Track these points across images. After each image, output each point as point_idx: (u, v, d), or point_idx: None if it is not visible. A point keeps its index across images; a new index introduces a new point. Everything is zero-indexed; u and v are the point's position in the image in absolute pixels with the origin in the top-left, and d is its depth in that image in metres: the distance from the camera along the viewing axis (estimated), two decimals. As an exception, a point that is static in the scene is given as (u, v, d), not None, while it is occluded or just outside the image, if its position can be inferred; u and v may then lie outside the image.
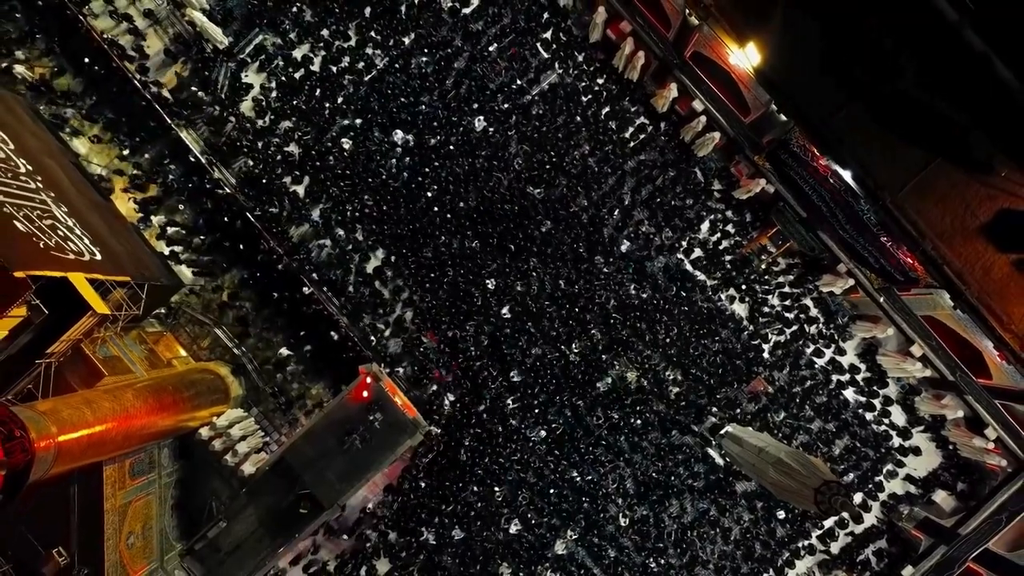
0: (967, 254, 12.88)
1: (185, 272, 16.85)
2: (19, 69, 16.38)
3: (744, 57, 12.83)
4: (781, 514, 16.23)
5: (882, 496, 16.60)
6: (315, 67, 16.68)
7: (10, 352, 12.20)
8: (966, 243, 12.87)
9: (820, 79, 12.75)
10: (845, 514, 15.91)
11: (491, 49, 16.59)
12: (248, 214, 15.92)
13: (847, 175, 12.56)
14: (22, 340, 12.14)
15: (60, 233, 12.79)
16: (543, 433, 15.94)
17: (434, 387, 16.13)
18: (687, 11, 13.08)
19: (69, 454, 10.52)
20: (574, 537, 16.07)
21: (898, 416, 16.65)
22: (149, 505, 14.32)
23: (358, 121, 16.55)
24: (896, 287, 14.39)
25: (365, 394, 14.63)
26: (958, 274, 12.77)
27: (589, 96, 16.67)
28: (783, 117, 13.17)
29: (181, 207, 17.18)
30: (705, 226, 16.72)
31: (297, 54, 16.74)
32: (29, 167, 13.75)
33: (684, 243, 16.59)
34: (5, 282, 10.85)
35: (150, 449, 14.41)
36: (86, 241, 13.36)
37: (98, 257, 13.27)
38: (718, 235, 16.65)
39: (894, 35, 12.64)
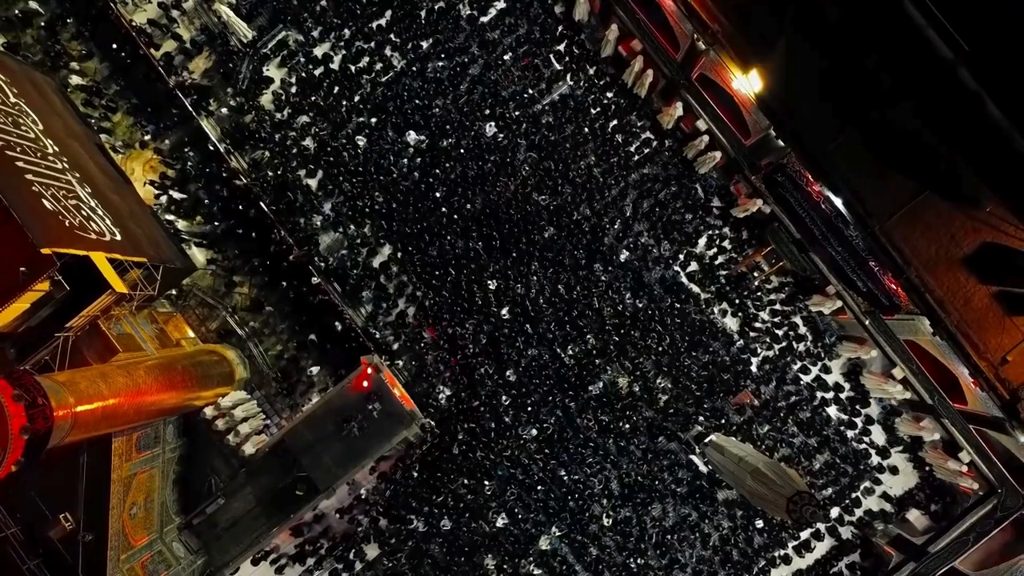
0: (949, 283, 13.45)
1: (198, 256, 17.43)
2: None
3: (747, 83, 13.39)
4: (759, 523, 16.81)
5: (858, 512, 17.15)
6: (335, 65, 17.26)
7: (31, 324, 12.77)
8: (949, 273, 13.44)
9: (818, 108, 13.34)
10: (821, 526, 16.75)
11: (506, 58, 17.15)
12: (262, 204, 16.48)
13: (838, 201, 13.14)
14: (43, 313, 12.69)
15: (84, 213, 13.37)
16: (534, 432, 16.50)
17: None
18: (695, 36, 13.64)
19: (84, 424, 11.08)
20: (558, 534, 16.65)
21: (878, 435, 17.23)
22: (152, 478, 14.88)
23: (373, 120, 17.13)
24: (881, 311, 14.93)
25: (365, 384, 15.14)
26: (939, 302, 13.35)
27: (598, 109, 17.23)
28: (781, 142, 13.73)
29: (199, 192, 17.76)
30: (702, 241, 17.27)
31: (318, 52, 17.33)
32: (56, 148, 14.32)
33: (681, 256, 17.16)
34: (32, 257, 11.40)
35: (156, 425, 14.97)
36: (107, 222, 13.94)
37: (118, 238, 13.85)
38: (714, 250, 17.20)
39: (892, 70, 13.21)
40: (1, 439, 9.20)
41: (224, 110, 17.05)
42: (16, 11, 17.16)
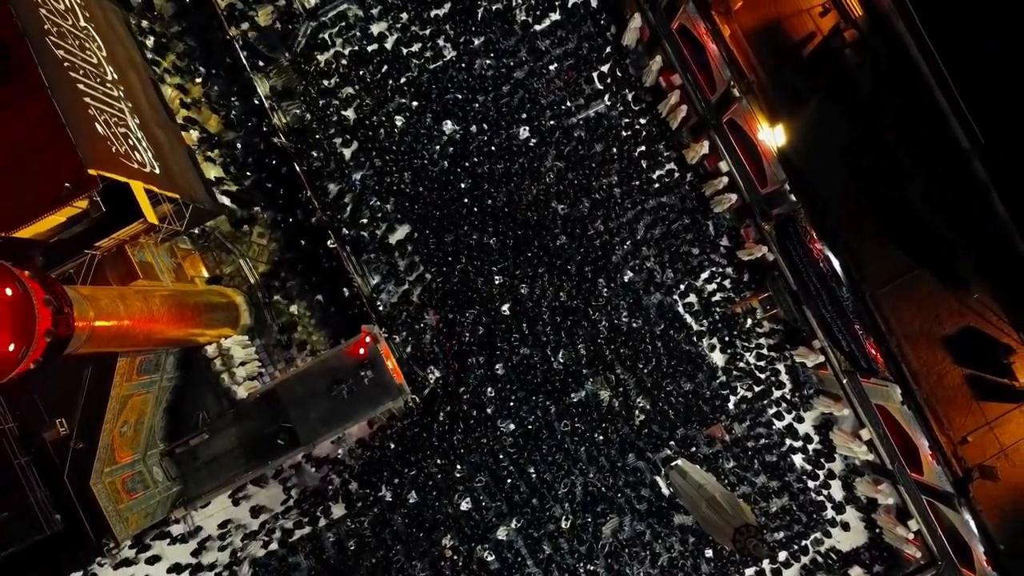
0: (927, 359, 14.14)
1: (227, 201, 18.10)
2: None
3: (772, 136, 14.07)
4: (709, 553, 17.45)
5: (804, 559, 17.80)
6: (388, 45, 17.94)
7: (62, 237, 13.46)
8: (928, 349, 14.14)
9: (834, 172, 14.03)
10: (767, 567, 17.39)
11: (551, 68, 17.83)
12: (296, 164, 17.15)
13: (836, 263, 13.82)
14: (76, 229, 13.36)
15: (130, 142, 14.06)
16: (512, 427, 17.18)
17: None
18: (732, 82, 14.31)
19: (98, 339, 11.75)
20: (517, 527, 17.31)
21: (837, 491, 17.88)
22: (147, 402, 15.56)
23: (414, 103, 17.83)
24: (859, 373, 15.60)
25: (362, 351, 15.77)
26: (914, 374, 14.04)
27: (629, 132, 17.92)
28: (793, 197, 14.40)
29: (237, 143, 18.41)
30: (705, 276, 17.94)
31: (374, 29, 18.01)
32: (115, 76, 14.99)
33: (682, 286, 17.84)
34: (78, 175, 12.06)
35: (159, 353, 15.67)
36: (150, 154, 14.63)
37: (157, 171, 14.54)
38: (714, 286, 17.87)
39: (910, 149, 13.91)
40: (27, 337, 9.86)
41: (278, 69, 17.74)
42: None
